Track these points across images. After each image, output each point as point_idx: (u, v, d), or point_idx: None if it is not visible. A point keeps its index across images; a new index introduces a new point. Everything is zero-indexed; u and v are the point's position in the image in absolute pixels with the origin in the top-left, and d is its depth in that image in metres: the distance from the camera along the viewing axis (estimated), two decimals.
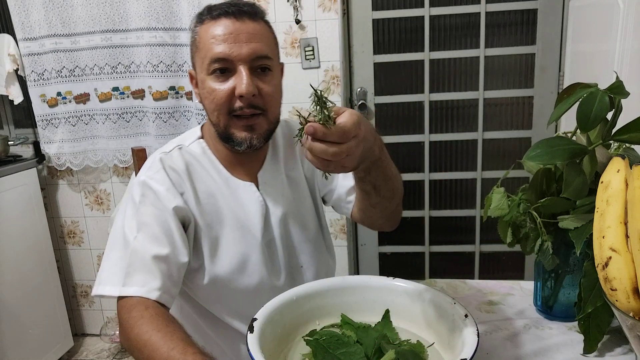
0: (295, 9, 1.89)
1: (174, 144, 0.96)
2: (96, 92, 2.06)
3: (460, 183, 2.14)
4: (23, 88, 2.09)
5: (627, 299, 0.55)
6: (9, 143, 2.09)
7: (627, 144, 0.77)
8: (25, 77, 2.06)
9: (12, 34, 2.03)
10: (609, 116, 0.71)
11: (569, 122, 1.40)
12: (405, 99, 2.06)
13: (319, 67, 1.95)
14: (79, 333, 2.43)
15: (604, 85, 0.71)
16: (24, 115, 2.29)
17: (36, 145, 2.19)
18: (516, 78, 2.00)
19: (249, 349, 0.60)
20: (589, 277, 0.70)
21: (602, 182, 0.63)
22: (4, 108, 2.31)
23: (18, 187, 2.01)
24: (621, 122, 0.71)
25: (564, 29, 1.88)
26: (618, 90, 0.69)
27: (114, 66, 2.02)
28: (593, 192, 0.67)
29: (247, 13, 0.87)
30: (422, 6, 1.95)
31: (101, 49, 1.99)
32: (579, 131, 0.73)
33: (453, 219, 2.18)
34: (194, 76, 0.94)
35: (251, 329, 0.65)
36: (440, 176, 2.12)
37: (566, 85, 0.79)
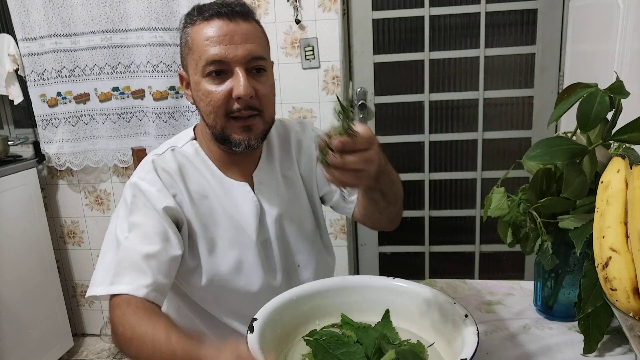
0: (295, 9, 1.89)
1: (167, 145, 0.96)
2: (96, 92, 2.06)
3: (460, 183, 2.14)
4: (23, 88, 2.09)
5: (627, 299, 0.55)
6: (9, 143, 2.09)
7: (627, 144, 0.77)
8: (25, 77, 2.06)
9: (12, 34, 2.03)
10: (609, 116, 0.71)
11: (569, 122, 1.40)
12: (405, 99, 2.06)
13: (319, 67, 1.95)
14: (79, 333, 2.43)
15: (604, 85, 0.71)
16: (24, 115, 2.29)
17: (36, 145, 2.19)
18: (516, 78, 2.00)
19: (249, 349, 0.60)
20: (589, 277, 0.70)
21: (602, 182, 0.63)
22: (4, 108, 2.31)
23: (18, 187, 2.01)
24: (621, 122, 0.71)
25: (564, 29, 1.88)
26: (618, 90, 0.69)
27: (114, 66, 2.02)
28: (593, 192, 0.67)
29: (239, 13, 0.87)
30: (422, 6, 1.95)
31: (101, 49, 1.99)
32: (579, 131, 0.73)
33: (453, 219, 2.17)
34: (184, 77, 0.94)
35: (251, 329, 0.65)
36: (440, 176, 2.12)
37: (566, 85, 0.79)
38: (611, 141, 0.74)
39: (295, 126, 1.08)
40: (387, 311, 0.78)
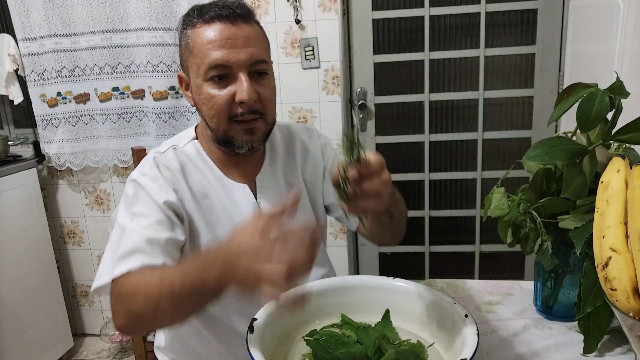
0: (295, 9, 1.89)
1: (168, 144, 0.96)
2: (96, 92, 2.06)
3: (460, 183, 2.14)
4: (23, 88, 2.09)
5: (627, 299, 0.55)
6: (9, 143, 2.09)
7: (627, 144, 0.77)
8: (25, 77, 2.06)
9: (12, 34, 2.03)
10: (609, 116, 0.71)
11: (569, 122, 1.40)
12: (405, 99, 2.06)
13: (319, 67, 1.95)
14: (79, 333, 2.43)
15: (604, 85, 0.71)
16: (24, 115, 2.29)
17: (36, 145, 2.19)
18: (516, 78, 2.00)
19: (249, 349, 0.60)
20: (589, 277, 0.70)
21: (602, 182, 0.63)
22: (4, 108, 2.31)
23: (18, 187, 2.00)
24: (621, 122, 0.71)
25: (564, 29, 1.88)
26: (618, 90, 0.69)
27: (114, 66, 2.02)
28: (593, 192, 0.67)
29: (240, 16, 0.86)
30: (422, 6, 1.95)
31: (101, 49, 1.99)
32: (579, 131, 0.73)
33: (453, 219, 2.17)
34: (184, 79, 0.94)
35: (251, 329, 0.65)
36: (440, 176, 2.12)
37: (566, 85, 0.79)
38: (611, 141, 0.74)
39: (302, 132, 1.08)
40: (387, 311, 0.78)
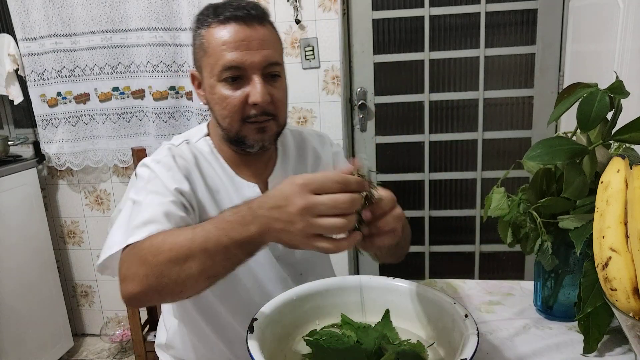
0: (295, 9, 1.89)
1: (182, 138, 0.97)
2: (96, 92, 2.06)
3: (460, 183, 2.14)
4: (23, 88, 2.09)
5: (627, 299, 0.55)
6: (9, 143, 2.08)
7: (627, 144, 0.77)
8: (25, 77, 2.06)
9: (12, 34, 2.02)
10: (609, 116, 0.71)
11: (569, 122, 1.40)
12: (405, 99, 2.06)
13: (319, 67, 1.95)
14: (79, 333, 2.43)
15: (604, 85, 0.71)
16: (24, 115, 2.29)
17: (36, 145, 2.19)
18: (516, 78, 2.00)
19: (249, 349, 0.60)
20: (588, 277, 0.70)
21: (602, 182, 0.63)
22: (4, 108, 2.31)
23: (18, 187, 2.00)
24: (621, 122, 0.71)
25: (564, 29, 1.88)
26: (618, 90, 0.69)
27: (114, 66, 2.02)
28: (593, 192, 0.67)
29: (256, 17, 0.87)
30: (422, 6, 1.95)
31: (101, 49, 1.99)
32: (579, 131, 0.73)
33: (453, 219, 2.17)
34: (196, 77, 0.94)
35: (251, 329, 0.65)
36: (440, 176, 2.12)
37: (566, 85, 0.79)
38: (611, 141, 0.74)
39: (314, 138, 1.09)
40: (387, 311, 0.78)
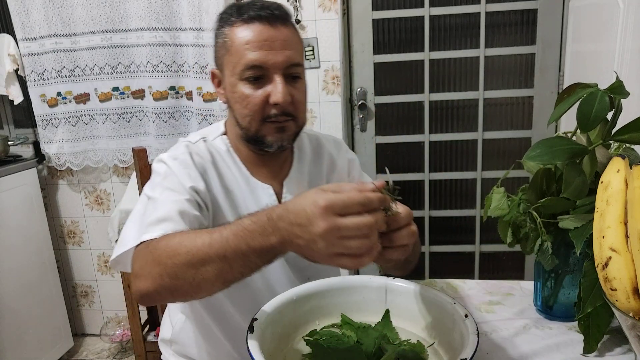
0: (295, 9, 1.89)
1: (199, 135, 0.97)
2: (96, 92, 2.06)
3: (460, 183, 2.14)
4: (23, 88, 2.09)
5: (627, 299, 0.55)
6: (9, 143, 2.09)
7: (627, 144, 0.77)
8: (25, 77, 2.06)
9: (12, 34, 2.02)
10: (609, 116, 0.71)
11: (569, 122, 1.40)
12: (405, 99, 2.06)
13: (319, 67, 1.95)
14: (79, 333, 2.43)
15: (604, 85, 0.71)
16: (24, 115, 2.29)
17: (36, 145, 2.19)
18: (516, 78, 2.00)
19: (249, 349, 0.60)
20: (589, 277, 0.70)
21: (602, 182, 0.63)
22: (4, 108, 2.31)
23: (18, 187, 2.00)
24: (621, 122, 0.71)
25: (564, 29, 1.88)
26: (618, 90, 0.69)
27: (114, 66, 2.02)
28: (593, 192, 0.67)
29: (279, 18, 0.87)
30: (422, 6, 1.95)
31: (101, 49, 1.99)
32: (579, 131, 0.73)
33: (453, 219, 2.17)
34: (217, 75, 0.95)
35: (251, 329, 0.65)
36: (440, 176, 2.12)
37: (566, 85, 0.79)
38: (611, 141, 0.74)
39: (330, 143, 1.10)
40: (387, 311, 0.78)
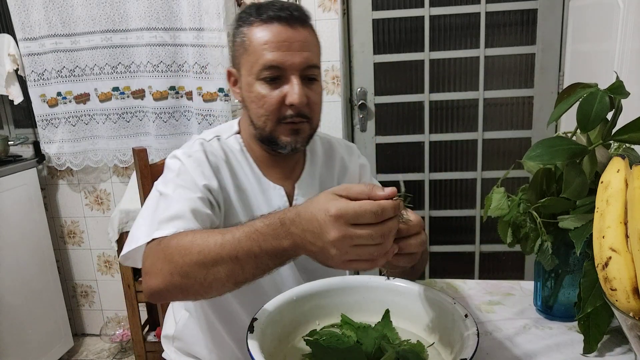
0: None
1: (213, 134, 0.97)
2: (96, 92, 2.06)
3: (460, 183, 2.14)
4: (23, 88, 2.09)
5: (627, 299, 0.55)
6: (9, 143, 2.09)
7: (627, 144, 0.77)
8: (25, 77, 2.06)
9: (12, 34, 2.03)
10: (609, 116, 0.71)
11: (569, 122, 1.40)
12: (405, 99, 2.06)
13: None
14: (79, 333, 2.43)
15: (604, 85, 0.71)
16: (24, 115, 2.29)
17: (36, 145, 2.19)
18: (516, 78, 2.00)
19: (249, 349, 0.60)
20: (589, 277, 0.70)
21: (602, 182, 0.63)
22: (4, 108, 2.31)
23: (18, 187, 2.00)
24: (621, 122, 0.71)
25: (564, 29, 1.88)
26: (618, 90, 0.69)
27: (114, 66, 2.02)
28: (593, 192, 0.67)
29: (298, 19, 0.87)
30: (422, 6, 1.95)
31: (101, 49, 1.99)
32: (579, 131, 0.73)
33: (453, 219, 2.17)
34: (233, 74, 0.95)
35: (251, 329, 0.65)
36: (440, 176, 2.12)
37: (566, 85, 0.79)
38: (611, 141, 0.74)
39: (342, 147, 1.10)
40: (387, 311, 0.78)
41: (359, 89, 2.05)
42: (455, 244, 2.19)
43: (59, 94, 2.06)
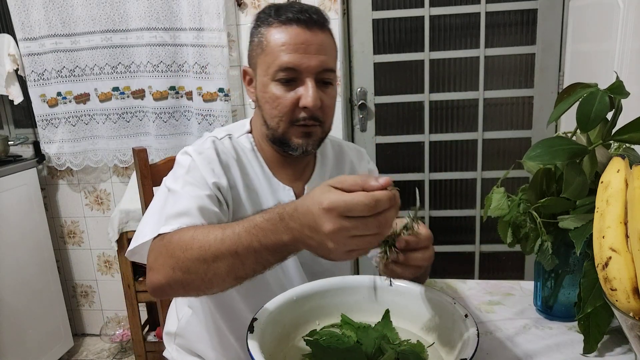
0: None
1: (224, 132, 0.97)
2: (96, 92, 2.06)
3: (460, 183, 2.14)
4: (23, 88, 2.09)
5: (627, 299, 0.55)
6: (9, 143, 2.09)
7: (627, 144, 0.77)
8: (25, 77, 2.06)
9: (12, 34, 2.03)
10: (609, 116, 0.71)
11: (569, 122, 1.40)
12: (405, 99, 2.06)
13: None
14: (79, 333, 2.43)
15: (604, 85, 0.71)
16: (24, 115, 2.29)
17: (36, 145, 2.19)
18: (516, 78, 2.00)
19: (249, 349, 0.60)
20: (589, 277, 0.70)
21: (602, 182, 0.63)
22: (4, 108, 2.31)
23: (18, 187, 2.00)
24: (621, 122, 0.71)
25: (564, 29, 1.88)
26: (618, 90, 0.69)
27: (114, 66, 2.02)
28: (593, 192, 0.67)
29: (317, 23, 0.87)
30: (422, 6, 1.95)
31: (101, 49, 1.99)
32: (579, 131, 0.73)
33: (453, 219, 2.17)
34: (249, 73, 0.95)
35: (251, 329, 0.65)
36: (440, 176, 2.12)
37: (566, 85, 0.79)
38: (611, 141, 0.74)
39: (353, 151, 1.10)
40: (387, 311, 0.78)
41: (359, 89, 2.05)
42: (455, 244, 2.19)
43: (59, 94, 2.06)
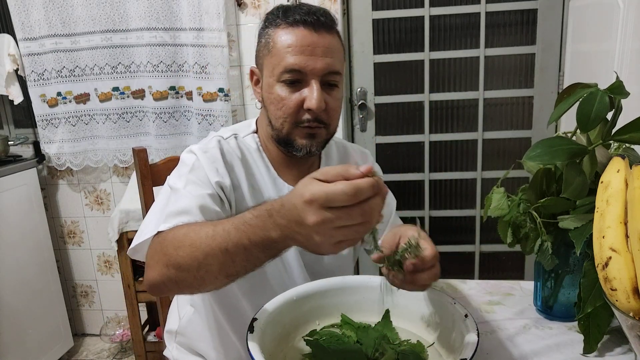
0: None
1: (230, 131, 0.97)
2: (96, 92, 2.06)
3: (460, 183, 2.14)
4: (23, 88, 2.09)
5: (627, 299, 0.55)
6: (9, 143, 2.09)
7: (627, 144, 0.77)
8: (25, 77, 2.06)
9: (12, 34, 2.03)
10: (609, 116, 0.71)
11: (569, 122, 1.40)
12: (405, 99, 2.06)
13: None
14: (79, 333, 2.43)
15: (604, 85, 0.71)
16: (24, 115, 2.29)
17: (36, 145, 2.19)
18: (516, 78, 2.00)
19: (249, 349, 0.60)
20: (589, 277, 0.70)
21: (602, 182, 0.63)
22: (4, 108, 2.31)
23: (18, 187, 2.00)
24: (621, 122, 0.71)
25: (564, 29, 1.88)
26: (618, 90, 0.69)
27: (114, 66, 2.02)
28: (593, 192, 0.67)
29: (324, 25, 0.87)
30: (422, 6, 1.95)
31: (101, 49, 1.99)
32: (579, 131, 0.73)
33: (453, 219, 2.17)
34: (255, 74, 0.95)
35: (251, 329, 0.65)
36: (440, 176, 2.12)
37: (566, 85, 0.79)
38: (611, 141, 0.74)
39: (357, 154, 1.11)
40: (387, 311, 0.78)
41: (359, 89, 2.05)
42: (455, 244, 2.19)
43: (59, 94, 2.06)
